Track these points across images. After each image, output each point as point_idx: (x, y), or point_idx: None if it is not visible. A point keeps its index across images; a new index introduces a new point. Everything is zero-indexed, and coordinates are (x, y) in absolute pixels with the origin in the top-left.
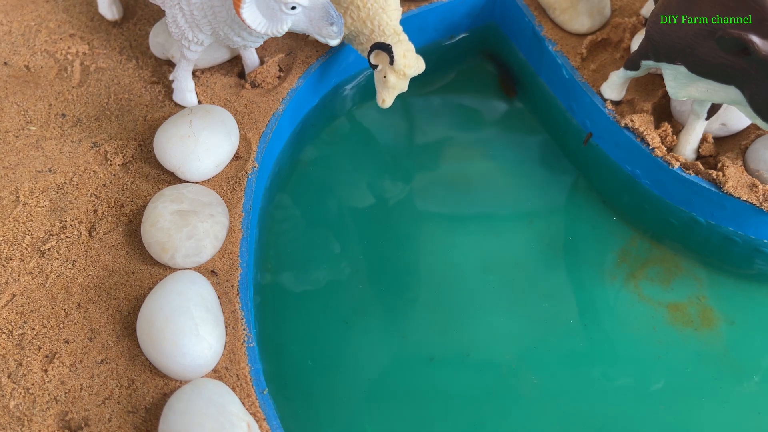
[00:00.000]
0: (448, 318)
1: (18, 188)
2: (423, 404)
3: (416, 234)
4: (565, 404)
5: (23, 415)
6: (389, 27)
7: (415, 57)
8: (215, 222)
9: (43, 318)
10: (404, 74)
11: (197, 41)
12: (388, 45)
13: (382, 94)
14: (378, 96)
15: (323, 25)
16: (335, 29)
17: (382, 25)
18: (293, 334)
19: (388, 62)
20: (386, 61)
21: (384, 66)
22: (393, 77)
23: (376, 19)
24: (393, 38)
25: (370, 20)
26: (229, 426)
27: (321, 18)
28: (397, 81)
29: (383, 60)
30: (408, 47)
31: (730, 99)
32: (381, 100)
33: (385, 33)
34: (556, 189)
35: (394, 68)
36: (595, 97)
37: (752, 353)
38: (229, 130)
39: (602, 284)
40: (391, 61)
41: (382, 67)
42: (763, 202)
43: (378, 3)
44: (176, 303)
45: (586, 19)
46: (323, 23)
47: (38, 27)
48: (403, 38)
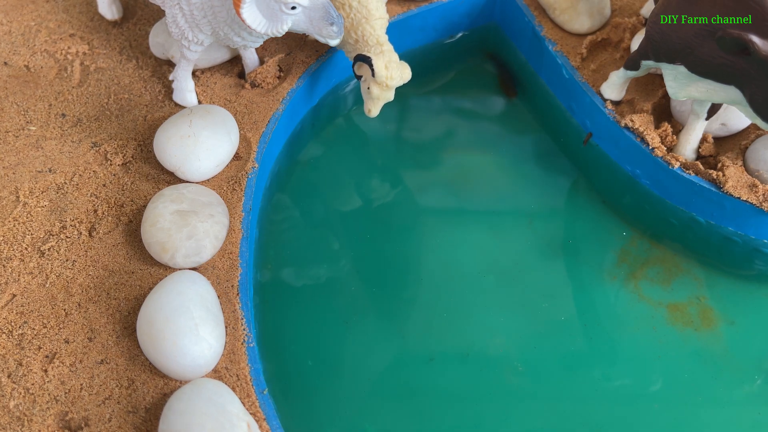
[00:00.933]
0: (448, 318)
1: (18, 188)
2: (423, 404)
3: (416, 234)
4: (564, 404)
5: (23, 415)
6: (372, 37)
7: (399, 67)
8: (215, 222)
9: (43, 318)
10: (387, 86)
11: (197, 41)
12: (369, 57)
13: (368, 104)
14: (365, 106)
15: (323, 25)
16: (335, 29)
17: (366, 35)
18: (293, 334)
19: (371, 75)
20: (369, 72)
21: (367, 77)
22: (376, 88)
23: (359, 29)
24: (375, 49)
25: (353, 30)
26: (229, 426)
27: (321, 18)
28: (381, 92)
29: (366, 71)
30: (390, 58)
31: (730, 99)
32: (367, 110)
33: (368, 43)
34: (556, 189)
35: (376, 80)
36: (595, 97)
37: (752, 353)
38: (229, 130)
39: (602, 284)
40: (373, 73)
41: (366, 78)
42: (763, 202)
43: (361, 13)
44: (176, 303)
45: (586, 19)
46: (323, 23)
47: (38, 27)
48: (386, 49)
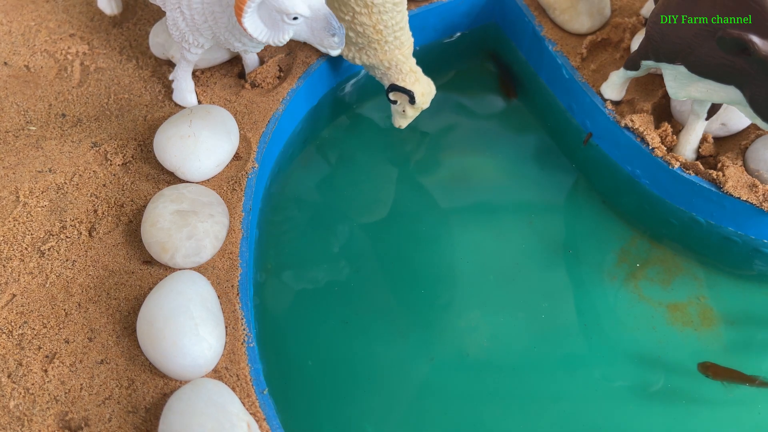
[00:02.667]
0: (448, 318)
1: (18, 188)
2: (423, 404)
3: (416, 234)
4: (564, 404)
5: (23, 415)
6: (405, 65)
7: (429, 87)
8: (215, 222)
9: (43, 318)
10: (422, 108)
11: (198, 44)
12: (410, 91)
13: (399, 121)
14: (394, 121)
15: (325, 35)
16: (336, 40)
17: (399, 65)
18: (293, 334)
19: (407, 100)
20: (405, 99)
21: (402, 101)
22: (411, 111)
23: (393, 60)
24: (410, 77)
25: (387, 60)
26: (229, 426)
27: (323, 29)
28: (414, 112)
29: (402, 98)
30: (424, 83)
31: (730, 99)
32: (398, 125)
33: (401, 71)
34: (556, 189)
35: (414, 106)
36: (595, 97)
37: (752, 353)
38: (229, 130)
39: (602, 284)
40: (412, 102)
41: (401, 102)
42: (763, 202)
43: (394, 44)
44: (176, 303)
45: (586, 19)
46: (325, 34)
47: (38, 27)
48: (419, 76)
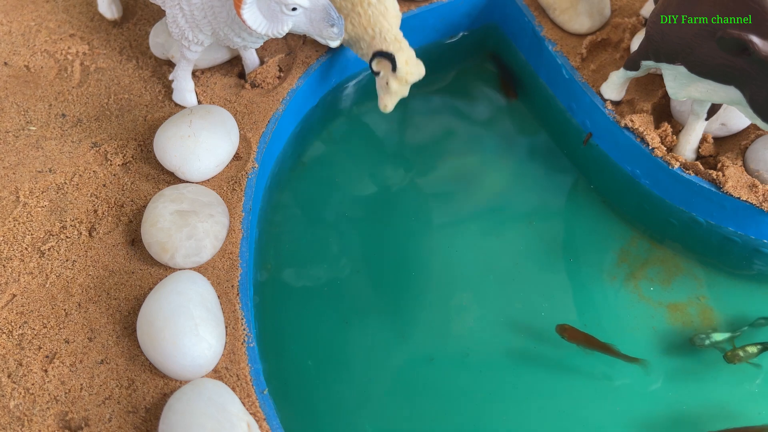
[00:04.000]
0: (448, 318)
1: (18, 188)
2: (423, 404)
3: (416, 234)
4: (564, 404)
5: (23, 415)
6: (390, 33)
7: (416, 63)
8: (215, 222)
9: (43, 318)
10: (406, 81)
11: (197, 41)
12: (391, 54)
13: (384, 99)
14: (380, 101)
15: (324, 26)
16: (336, 30)
17: (383, 32)
18: (293, 334)
19: (390, 69)
20: (388, 68)
21: (386, 73)
22: (395, 83)
23: (377, 26)
24: (394, 45)
25: (371, 27)
26: (229, 426)
27: (322, 19)
28: (399, 87)
29: (385, 67)
30: (409, 54)
31: (730, 99)
32: (383, 105)
33: (386, 39)
34: (556, 189)
35: (397, 75)
36: (595, 97)
37: None
38: (229, 130)
39: (602, 284)
40: (394, 69)
41: (384, 74)
42: (763, 202)
43: (378, 9)
44: (176, 303)
45: (586, 19)
46: (324, 24)
47: (38, 27)
48: (404, 45)
